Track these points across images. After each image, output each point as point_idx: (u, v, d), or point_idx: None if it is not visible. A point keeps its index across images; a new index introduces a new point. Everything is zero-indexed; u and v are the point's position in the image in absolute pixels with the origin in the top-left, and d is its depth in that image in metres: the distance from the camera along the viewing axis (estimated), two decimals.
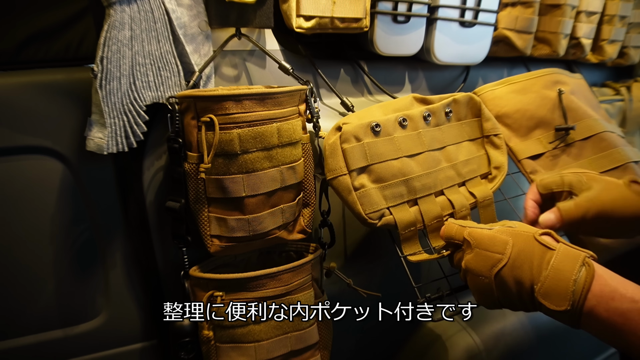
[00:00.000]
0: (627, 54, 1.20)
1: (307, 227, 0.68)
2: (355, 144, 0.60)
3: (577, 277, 0.42)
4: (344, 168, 0.59)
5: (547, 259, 0.44)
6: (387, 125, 0.63)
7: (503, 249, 0.46)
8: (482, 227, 0.51)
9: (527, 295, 0.45)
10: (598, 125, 0.81)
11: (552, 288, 0.43)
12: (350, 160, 0.60)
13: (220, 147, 0.56)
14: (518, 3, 0.94)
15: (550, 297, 0.43)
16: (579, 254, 0.44)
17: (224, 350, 0.61)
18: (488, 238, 0.48)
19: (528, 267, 0.45)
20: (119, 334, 0.69)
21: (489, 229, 0.49)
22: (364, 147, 0.61)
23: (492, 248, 0.47)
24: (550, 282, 0.43)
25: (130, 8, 0.54)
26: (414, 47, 0.83)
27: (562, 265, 0.43)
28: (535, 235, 0.46)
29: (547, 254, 0.44)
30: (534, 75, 0.86)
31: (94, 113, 0.55)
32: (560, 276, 0.42)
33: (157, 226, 0.66)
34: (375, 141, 0.62)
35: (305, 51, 0.76)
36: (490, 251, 0.47)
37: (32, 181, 0.59)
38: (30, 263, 0.62)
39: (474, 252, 0.49)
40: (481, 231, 0.50)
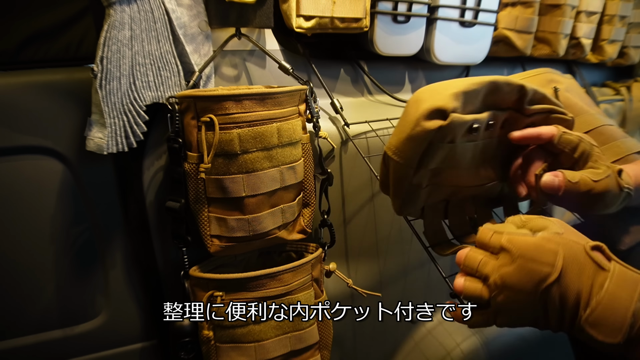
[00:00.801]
0: (627, 54, 1.20)
1: (307, 227, 0.68)
2: (447, 145, 0.47)
3: (636, 307, 0.36)
4: (415, 163, 0.47)
5: (600, 281, 0.38)
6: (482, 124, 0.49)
7: (553, 260, 0.39)
8: (522, 232, 0.42)
9: (569, 317, 0.39)
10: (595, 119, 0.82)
11: (605, 317, 0.37)
12: (428, 159, 0.47)
13: (220, 147, 0.56)
14: (518, 3, 0.94)
15: (600, 327, 0.37)
16: (637, 278, 0.37)
17: (224, 350, 0.61)
18: (534, 247, 0.40)
19: (576, 287, 0.38)
20: (119, 334, 0.69)
21: (532, 235, 0.41)
22: (452, 149, 0.48)
23: (540, 258, 0.39)
24: (603, 310, 0.37)
25: (130, 8, 0.54)
26: (414, 47, 0.83)
27: (618, 292, 0.37)
28: (587, 249, 0.39)
29: (600, 275, 0.38)
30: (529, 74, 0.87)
31: (94, 113, 0.55)
32: (616, 305, 0.36)
33: (157, 226, 0.66)
34: (465, 145, 0.49)
35: (303, 50, 0.76)
36: (537, 262, 0.39)
37: (32, 181, 0.59)
38: (30, 263, 0.62)
39: (517, 264, 0.40)
40: (524, 238, 0.41)
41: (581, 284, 0.38)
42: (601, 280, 0.38)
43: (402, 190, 0.50)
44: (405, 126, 0.46)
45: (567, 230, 0.42)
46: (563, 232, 0.41)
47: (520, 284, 0.40)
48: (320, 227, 0.72)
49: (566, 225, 0.43)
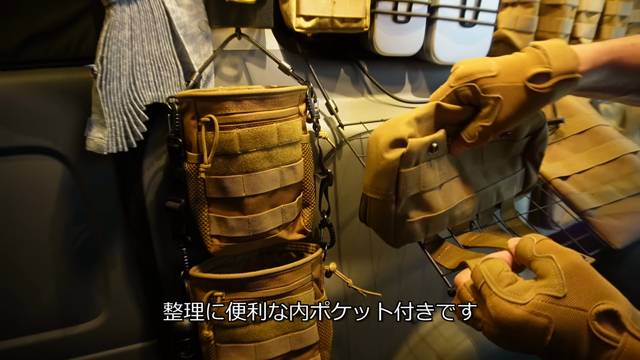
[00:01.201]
0: None
1: (307, 227, 0.68)
2: (414, 169, 0.49)
3: None
4: (393, 195, 0.49)
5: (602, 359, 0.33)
6: (441, 144, 0.51)
7: (540, 338, 0.35)
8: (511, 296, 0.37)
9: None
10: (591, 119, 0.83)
11: None
12: (404, 187, 0.49)
13: (220, 147, 0.56)
14: (518, 3, 0.94)
15: None
16: None
17: (224, 350, 0.61)
18: (518, 323, 0.36)
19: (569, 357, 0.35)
20: (119, 334, 0.69)
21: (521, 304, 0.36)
22: (419, 171, 0.50)
23: (523, 334, 0.36)
24: None
25: (130, 8, 0.54)
26: (414, 47, 0.83)
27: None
28: (590, 322, 0.34)
29: (605, 352, 0.33)
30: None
31: (94, 113, 0.55)
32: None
33: (157, 226, 0.66)
34: (429, 164, 0.51)
35: (302, 49, 0.76)
36: (523, 336, 0.36)
37: (32, 181, 0.59)
38: (30, 263, 0.62)
39: (501, 333, 0.37)
40: (510, 309, 0.36)
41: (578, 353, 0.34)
42: (604, 358, 0.33)
43: (389, 224, 0.51)
44: (372, 163, 0.49)
45: (572, 288, 0.35)
46: (564, 295, 0.35)
47: (510, 347, 0.38)
48: (320, 227, 0.72)
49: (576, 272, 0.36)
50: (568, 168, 0.87)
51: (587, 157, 0.86)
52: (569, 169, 0.87)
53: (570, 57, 0.45)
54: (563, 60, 0.45)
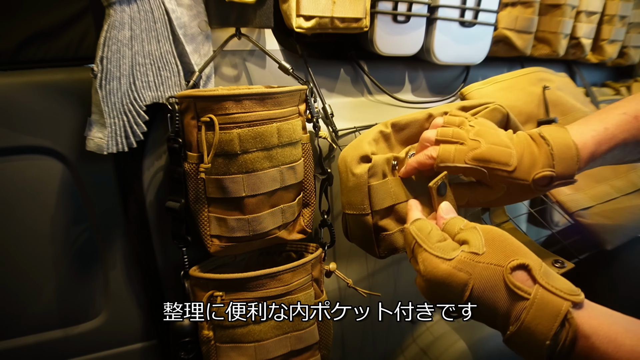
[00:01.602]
0: (627, 54, 1.20)
1: (307, 227, 0.68)
2: (383, 181, 0.53)
3: (553, 341, 0.34)
4: (367, 208, 0.52)
5: (517, 311, 0.36)
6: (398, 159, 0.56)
7: (459, 291, 0.38)
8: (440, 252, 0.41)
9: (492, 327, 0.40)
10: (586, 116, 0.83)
11: (521, 346, 0.36)
12: (375, 199, 0.52)
13: (220, 147, 0.56)
14: (518, 3, 0.94)
15: (520, 350, 0.37)
16: (559, 306, 0.34)
17: (224, 350, 0.61)
18: (442, 276, 0.39)
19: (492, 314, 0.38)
20: (119, 334, 0.69)
21: (447, 260, 0.40)
22: (388, 184, 0.53)
23: (446, 288, 0.39)
24: (519, 340, 0.36)
25: (130, 8, 0.54)
26: (414, 47, 0.83)
27: (534, 324, 0.35)
28: (506, 274, 0.37)
29: (518, 304, 0.36)
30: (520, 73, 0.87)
31: (94, 113, 0.55)
32: (532, 338, 0.35)
33: (157, 226, 0.66)
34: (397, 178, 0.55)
35: (302, 51, 0.76)
36: (446, 290, 0.39)
37: (32, 181, 0.59)
38: (30, 263, 0.62)
39: (427, 285, 0.41)
40: (436, 264, 0.40)
41: (496, 311, 0.37)
42: (518, 310, 0.36)
43: (370, 237, 0.54)
44: (344, 181, 0.54)
45: (491, 247, 0.39)
46: (484, 252, 0.39)
47: (429, 298, 0.43)
48: (320, 227, 0.72)
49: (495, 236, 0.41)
50: None
51: None
52: None
53: (573, 162, 0.46)
54: (566, 164, 0.46)
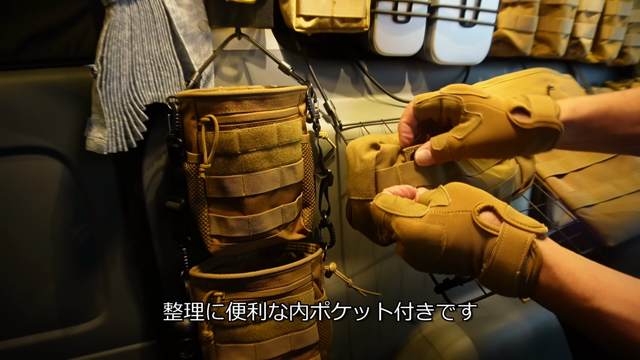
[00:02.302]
0: (627, 54, 1.20)
1: (307, 227, 0.68)
2: (391, 168, 0.53)
3: (522, 270, 0.37)
4: (373, 194, 0.52)
5: (489, 248, 0.39)
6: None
7: (437, 242, 0.41)
8: (411, 212, 0.43)
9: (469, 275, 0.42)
10: None
11: (495, 281, 0.39)
12: (382, 185, 0.53)
13: (220, 147, 0.56)
14: (518, 3, 0.94)
15: (493, 287, 0.40)
16: (525, 238, 0.38)
17: (224, 350, 0.61)
18: (417, 232, 0.41)
19: (468, 257, 0.40)
20: (119, 334, 0.69)
21: (418, 217, 0.42)
22: (397, 171, 0.54)
23: (425, 242, 0.41)
24: (493, 274, 0.39)
25: (130, 8, 0.54)
26: (414, 47, 0.83)
27: (504, 257, 0.38)
28: (474, 216, 0.40)
29: (489, 242, 0.39)
30: (524, 73, 0.87)
31: (94, 113, 0.55)
32: (503, 270, 0.38)
33: (157, 226, 0.66)
34: (408, 164, 0.54)
35: (301, 47, 0.76)
36: (423, 245, 0.41)
37: (32, 181, 0.59)
38: (30, 263, 0.62)
39: (405, 247, 0.43)
40: (410, 223, 0.42)
41: (472, 251, 0.40)
42: (489, 247, 0.39)
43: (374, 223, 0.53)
44: (351, 168, 0.54)
45: (456, 198, 0.43)
46: (449, 203, 0.42)
47: (413, 260, 0.44)
48: (320, 227, 0.72)
49: (457, 189, 0.44)
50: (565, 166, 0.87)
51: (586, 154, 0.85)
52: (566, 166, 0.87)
53: (550, 106, 0.47)
54: (544, 106, 0.47)
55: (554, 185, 0.83)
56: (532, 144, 0.47)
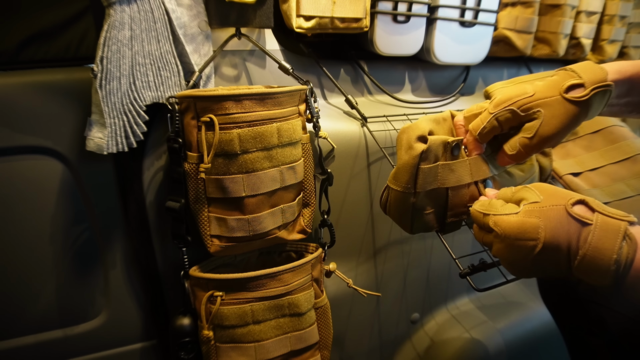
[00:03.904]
0: (627, 54, 1.20)
1: (307, 227, 0.68)
2: (432, 165, 0.53)
3: (619, 255, 0.39)
4: (411, 188, 0.53)
5: (585, 235, 0.41)
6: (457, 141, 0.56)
7: (535, 234, 0.42)
8: (506, 210, 0.45)
9: (565, 267, 0.43)
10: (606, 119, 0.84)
11: (591, 267, 0.40)
12: (421, 181, 0.53)
13: (220, 147, 0.56)
14: (518, 3, 0.94)
15: (589, 274, 0.41)
16: (618, 225, 0.40)
17: (224, 350, 0.61)
18: (517, 226, 0.43)
19: (565, 245, 0.42)
20: (119, 334, 0.69)
21: (515, 214, 0.44)
22: (438, 169, 0.54)
23: (524, 236, 0.43)
24: (589, 261, 0.40)
25: (130, 8, 0.54)
26: (414, 47, 0.83)
27: (601, 243, 0.40)
28: (568, 209, 0.42)
29: (584, 230, 0.41)
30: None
31: (94, 113, 0.55)
32: (600, 255, 0.40)
33: (157, 226, 0.66)
34: (451, 164, 0.54)
35: (307, 49, 0.76)
36: (522, 240, 0.43)
37: (32, 181, 0.59)
38: (30, 263, 0.62)
39: (505, 244, 0.44)
40: (508, 219, 0.44)
41: (569, 241, 0.42)
42: (585, 234, 0.41)
43: (408, 214, 0.55)
44: (398, 158, 0.54)
45: (546, 194, 0.45)
46: (542, 199, 0.44)
47: (512, 257, 0.45)
48: (320, 227, 0.72)
49: (545, 187, 0.46)
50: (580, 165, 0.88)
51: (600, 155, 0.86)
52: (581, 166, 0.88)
53: (597, 70, 0.49)
54: (592, 72, 0.49)
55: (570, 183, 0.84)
56: (592, 108, 0.50)
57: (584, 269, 0.41)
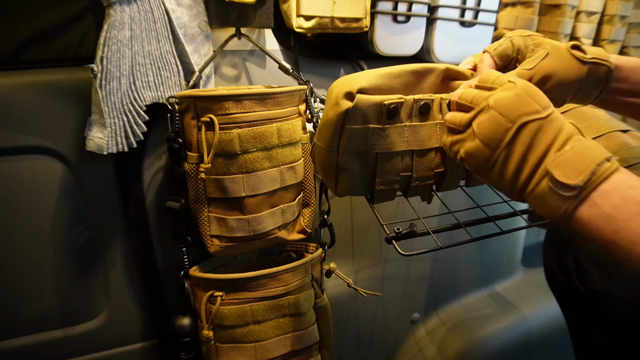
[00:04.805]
0: (627, 54, 1.20)
1: (307, 227, 0.68)
2: (360, 127, 0.48)
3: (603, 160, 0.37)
4: (334, 147, 0.49)
5: (578, 138, 0.39)
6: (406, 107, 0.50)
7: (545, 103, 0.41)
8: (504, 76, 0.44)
9: (533, 161, 0.39)
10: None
11: (572, 159, 0.38)
12: (345, 142, 0.48)
13: (220, 147, 0.56)
14: (518, 3, 0.94)
15: (564, 167, 0.38)
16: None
17: (224, 350, 0.61)
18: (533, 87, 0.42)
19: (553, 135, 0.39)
20: (119, 334, 0.69)
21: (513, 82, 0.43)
22: (367, 132, 0.48)
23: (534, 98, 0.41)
24: (572, 154, 0.38)
25: (130, 8, 0.54)
26: (414, 47, 0.83)
27: (589, 145, 0.38)
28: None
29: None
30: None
31: (94, 113, 0.55)
32: (587, 153, 0.38)
33: (157, 226, 0.66)
34: (383, 128, 0.49)
35: (294, 42, 0.74)
36: (532, 99, 0.41)
37: (32, 181, 0.59)
38: (31, 263, 0.62)
39: (515, 93, 0.42)
40: (520, 74, 0.48)
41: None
42: (577, 138, 0.39)
43: (331, 174, 0.51)
44: (325, 112, 0.49)
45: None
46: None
47: (513, 105, 0.41)
48: (320, 227, 0.72)
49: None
50: None
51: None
52: None
53: (601, 50, 0.52)
54: (597, 49, 0.52)
55: None
56: (587, 83, 0.51)
57: (563, 161, 0.38)
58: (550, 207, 0.39)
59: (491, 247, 1.05)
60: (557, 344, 1.01)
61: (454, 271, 0.99)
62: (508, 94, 0.42)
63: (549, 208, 0.39)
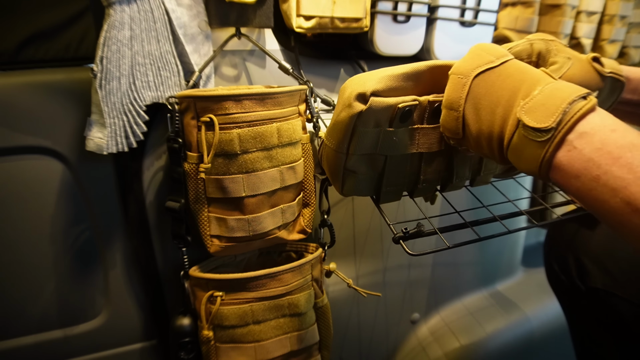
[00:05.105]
0: (627, 54, 1.20)
1: (307, 227, 0.68)
2: (372, 130, 0.47)
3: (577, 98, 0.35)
4: (344, 148, 0.48)
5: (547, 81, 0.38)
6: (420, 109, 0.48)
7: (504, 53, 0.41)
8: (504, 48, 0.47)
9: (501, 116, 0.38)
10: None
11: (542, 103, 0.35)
12: (356, 144, 0.47)
13: (220, 147, 0.56)
14: (518, 3, 0.94)
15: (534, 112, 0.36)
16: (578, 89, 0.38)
17: (224, 350, 0.61)
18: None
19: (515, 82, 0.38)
20: (119, 334, 0.69)
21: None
22: (379, 135, 0.47)
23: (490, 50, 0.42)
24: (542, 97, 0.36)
25: (130, 8, 0.54)
26: (414, 47, 0.83)
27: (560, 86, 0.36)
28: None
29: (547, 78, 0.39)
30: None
31: (94, 113, 0.55)
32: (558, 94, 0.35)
33: (157, 226, 0.66)
34: (395, 132, 0.48)
35: (294, 43, 0.75)
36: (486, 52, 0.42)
37: (32, 181, 0.59)
38: (31, 263, 0.62)
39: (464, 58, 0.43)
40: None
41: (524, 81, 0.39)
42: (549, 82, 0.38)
43: (339, 174, 0.51)
44: (336, 112, 0.47)
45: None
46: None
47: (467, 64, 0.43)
48: (320, 227, 0.72)
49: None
50: None
51: None
52: None
53: (615, 63, 0.53)
54: (613, 62, 0.53)
55: None
56: (602, 94, 0.51)
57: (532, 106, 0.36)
58: (528, 159, 0.37)
59: (492, 247, 1.05)
60: (558, 343, 1.01)
61: (454, 271, 0.99)
62: (465, 57, 0.42)
63: (527, 160, 0.37)
